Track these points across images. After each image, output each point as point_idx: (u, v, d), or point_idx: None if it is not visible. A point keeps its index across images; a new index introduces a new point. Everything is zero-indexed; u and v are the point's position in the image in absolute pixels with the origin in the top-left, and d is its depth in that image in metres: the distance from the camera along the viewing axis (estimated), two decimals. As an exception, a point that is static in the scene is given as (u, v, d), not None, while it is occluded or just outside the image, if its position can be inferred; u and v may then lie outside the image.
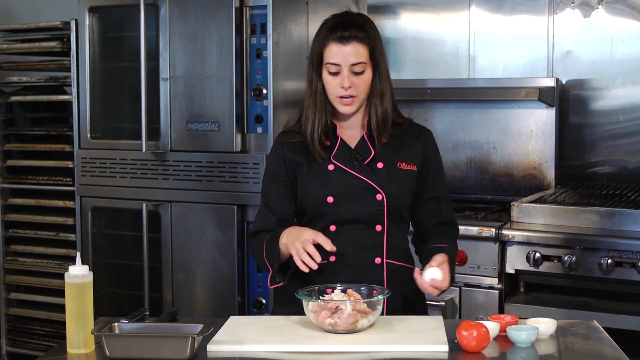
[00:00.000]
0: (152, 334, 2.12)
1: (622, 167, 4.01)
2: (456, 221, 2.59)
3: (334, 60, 2.41)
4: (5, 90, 4.61)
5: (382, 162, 2.47)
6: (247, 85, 3.74)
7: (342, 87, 2.41)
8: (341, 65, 2.40)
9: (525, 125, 4.10)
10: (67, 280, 2.13)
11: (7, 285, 4.63)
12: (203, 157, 3.82)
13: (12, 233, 4.61)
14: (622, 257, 3.21)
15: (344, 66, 2.40)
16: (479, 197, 4.19)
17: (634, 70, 3.98)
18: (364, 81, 2.43)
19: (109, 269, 4.14)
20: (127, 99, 4.08)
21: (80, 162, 4.13)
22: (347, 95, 2.41)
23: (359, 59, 2.40)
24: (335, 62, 2.40)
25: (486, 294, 3.43)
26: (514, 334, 2.13)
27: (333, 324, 2.15)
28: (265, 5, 3.67)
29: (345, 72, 2.40)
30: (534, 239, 3.35)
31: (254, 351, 2.12)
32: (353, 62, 2.40)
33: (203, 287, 3.86)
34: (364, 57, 2.41)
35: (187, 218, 3.87)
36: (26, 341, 4.60)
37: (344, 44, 2.39)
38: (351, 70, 2.40)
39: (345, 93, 2.41)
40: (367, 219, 2.45)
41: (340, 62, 2.40)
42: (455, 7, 4.29)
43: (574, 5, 4.05)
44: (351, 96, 2.42)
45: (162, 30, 3.86)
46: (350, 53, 2.39)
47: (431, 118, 4.29)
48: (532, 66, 4.14)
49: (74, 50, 4.14)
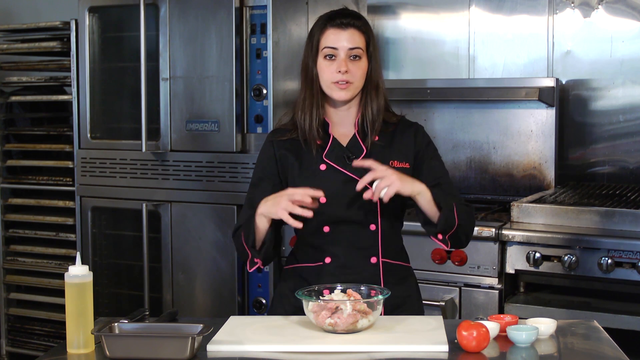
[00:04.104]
0: (152, 334, 2.12)
1: (622, 167, 4.01)
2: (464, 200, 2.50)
3: (331, 44, 2.43)
4: (5, 90, 4.61)
5: (374, 160, 2.47)
6: (247, 85, 3.74)
7: (339, 71, 2.42)
8: (338, 49, 2.43)
9: (525, 125, 4.10)
10: (67, 280, 2.13)
11: (7, 285, 4.63)
12: (203, 157, 3.82)
13: (12, 233, 4.61)
14: (622, 257, 3.20)
15: (341, 50, 2.43)
16: (479, 197, 4.19)
17: (634, 70, 3.97)
18: (360, 68, 2.45)
19: (109, 269, 4.15)
20: (127, 99, 4.08)
21: (80, 162, 4.13)
22: (343, 80, 2.42)
23: (356, 45, 2.43)
24: (332, 46, 2.43)
25: (486, 294, 3.43)
26: (514, 334, 2.13)
27: (333, 324, 2.15)
28: (265, 5, 3.68)
29: (342, 56, 2.43)
30: (534, 239, 3.35)
31: (254, 351, 2.12)
32: (350, 47, 2.43)
33: (203, 287, 3.87)
34: (361, 44, 2.44)
35: (187, 218, 3.87)
36: (26, 341, 4.61)
37: (342, 29, 2.43)
38: (348, 55, 2.43)
39: (341, 77, 2.42)
40: (361, 219, 2.44)
41: (338, 46, 2.43)
42: (455, 7, 4.29)
43: (574, 5, 4.05)
44: (347, 82, 2.43)
45: (162, 30, 3.86)
46: (347, 38, 2.43)
47: (431, 118, 4.29)
48: (532, 66, 4.14)
49: (74, 50, 4.14)
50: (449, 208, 2.37)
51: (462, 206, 2.44)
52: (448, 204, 2.38)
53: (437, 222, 2.38)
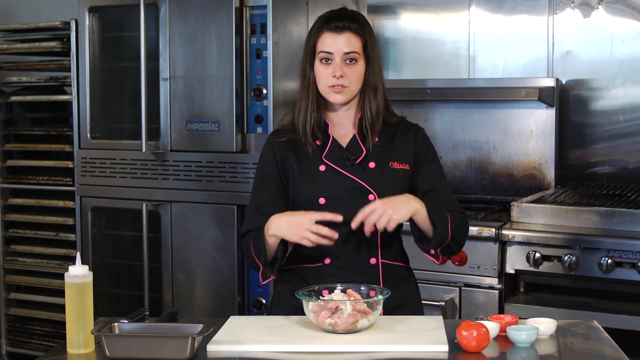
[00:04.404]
0: (152, 334, 2.12)
1: (622, 167, 4.01)
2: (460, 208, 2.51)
3: (326, 49, 2.43)
4: (5, 90, 4.61)
5: (374, 161, 2.47)
6: (247, 85, 3.74)
7: (334, 75, 2.42)
8: (333, 54, 2.43)
9: (525, 125, 4.10)
10: (67, 280, 2.13)
11: (7, 285, 4.63)
12: (203, 157, 3.82)
13: (12, 233, 4.61)
14: (622, 257, 3.20)
15: (337, 55, 2.42)
16: (479, 197, 4.19)
17: (634, 70, 3.98)
18: (356, 72, 2.44)
19: (109, 269, 4.15)
20: (127, 99, 4.08)
21: (80, 162, 4.13)
22: (338, 84, 2.42)
23: (352, 49, 2.43)
24: (327, 51, 2.43)
25: (486, 294, 3.43)
26: (514, 334, 2.13)
27: (333, 324, 2.15)
28: (265, 5, 3.67)
29: (338, 60, 2.42)
30: (534, 239, 3.35)
31: (254, 351, 2.12)
32: (345, 51, 2.42)
33: (203, 287, 3.86)
34: (357, 47, 2.44)
35: (187, 218, 3.87)
36: (26, 341, 4.61)
37: (337, 33, 2.43)
38: (343, 59, 2.42)
39: (336, 82, 2.42)
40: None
41: (333, 50, 2.42)
42: (455, 7, 4.29)
43: (574, 5, 4.05)
44: (342, 86, 2.43)
45: (162, 30, 3.86)
46: (343, 42, 2.42)
47: (431, 118, 4.29)
48: (532, 66, 4.14)
49: (74, 50, 4.14)
50: (443, 224, 2.38)
51: (456, 218, 2.43)
52: (442, 219, 2.38)
53: (431, 239, 2.40)
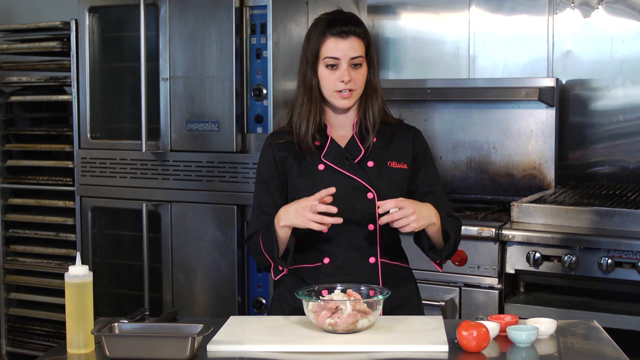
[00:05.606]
0: (152, 334, 2.12)
1: (622, 167, 4.01)
2: (455, 214, 2.55)
3: (333, 54, 2.43)
4: (5, 90, 4.61)
5: (372, 161, 2.48)
6: (247, 85, 3.74)
7: (342, 80, 2.43)
8: (340, 59, 2.43)
9: (525, 125, 4.10)
10: (67, 280, 2.13)
11: (7, 285, 4.64)
12: (203, 157, 3.82)
13: (12, 233, 4.61)
14: (622, 257, 3.20)
15: (344, 60, 2.43)
16: (479, 197, 4.19)
17: (634, 70, 3.97)
18: (362, 75, 2.46)
19: (109, 269, 4.15)
20: (127, 99, 4.08)
21: (80, 162, 4.13)
22: (345, 89, 2.43)
23: (358, 53, 2.44)
24: (335, 56, 2.43)
25: (486, 294, 3.43)
26: (514, 334, 2.13)
27: (333, 324, 2.15)
28: (265, 5, 3.68)
29: (345, 65, 2.43)
30: (534, 239, 3.35)
31: (254, 351, 2.12)
32: (352, 56, 2.43)
33: (203, 287, 3.87)
34: (362, 51, 2.45)
35: (187, 218, 3.87)
36: (26, 341, 4.61)
37: (343, 38, 2.43)
38: (350, 64, 2.43)
39: (344, 87, 2.43)
40: (359, 219, 2.44)
41: (340, 56, 2.43)
42: (455, 7, 4.29)
43: (574, 5, 4.05)
44: (350, 90, 2.44)
45: (162, 30, 3.86)
46: (349, 47, 2.43)
47: (431, 118, 4.29)
48: (532, 66, 4.14)
49: (74, 50, 4.14)
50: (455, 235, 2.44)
51: (457, 226, 2.51)
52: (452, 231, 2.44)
53: (443, 251, 2.45)
